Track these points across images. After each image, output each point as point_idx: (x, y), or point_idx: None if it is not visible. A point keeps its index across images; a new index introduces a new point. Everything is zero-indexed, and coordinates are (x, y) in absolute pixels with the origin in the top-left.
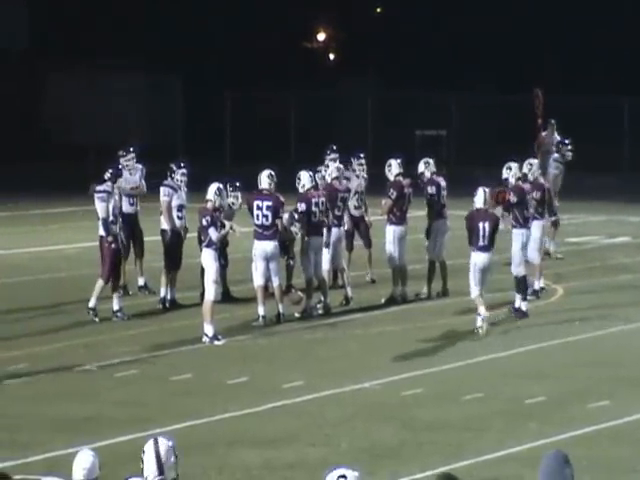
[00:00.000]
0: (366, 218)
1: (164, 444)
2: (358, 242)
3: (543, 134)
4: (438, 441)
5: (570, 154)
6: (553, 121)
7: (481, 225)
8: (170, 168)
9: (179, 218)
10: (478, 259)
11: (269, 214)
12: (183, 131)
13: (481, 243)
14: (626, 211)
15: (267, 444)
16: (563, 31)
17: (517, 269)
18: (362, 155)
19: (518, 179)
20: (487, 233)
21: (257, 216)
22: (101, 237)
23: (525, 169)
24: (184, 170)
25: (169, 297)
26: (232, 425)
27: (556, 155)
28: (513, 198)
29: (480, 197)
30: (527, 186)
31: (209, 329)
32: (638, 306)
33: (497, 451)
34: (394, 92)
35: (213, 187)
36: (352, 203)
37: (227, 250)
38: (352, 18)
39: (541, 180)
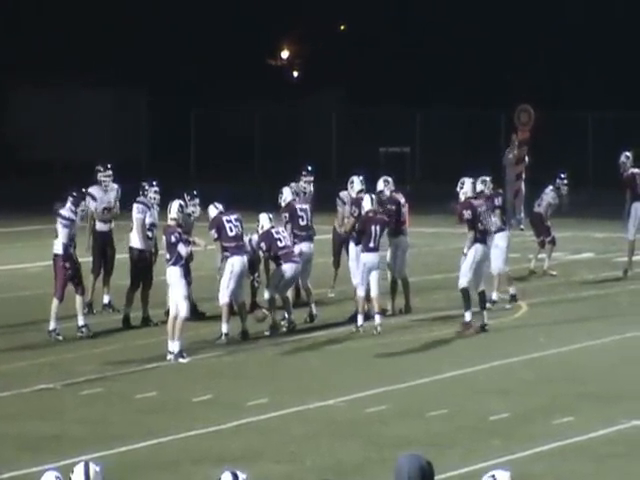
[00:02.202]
0: None
1: (93, 468)
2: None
3: (508, 150)
4: None
5: (566, 188)
6: (514, 136)
7: (373, 228)
8: (142, 186)
9: (149, 238)
10: (368, 259)
11: (239, 224)
12: (148, 147)
13: (371, 244)
14: (590, 227)
15: (232, 462)
16: (526, 46)
17: (461, 279)
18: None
19: (469, 198)
20: (378, 235)
21: (230, 228)
22: (55, 255)
23: (480, 186)
24: (157, 188)
25: (142, 315)
26: (197, 443)
27: (552, 187)
28: (467, 215)
29: (367, 201)
30: (478, 201)
31: (175, 346)
32: (602, 322)
33: (461, 468)
34: (358, 109)
35: (175, 204)
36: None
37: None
38: (316, 35)
39: (500, 190)
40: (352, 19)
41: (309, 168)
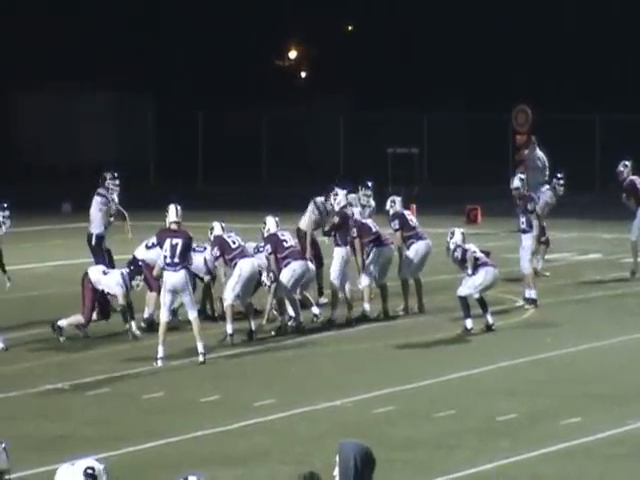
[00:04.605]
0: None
1: (97, 467)
2: None
3: (526, 151)
4: (410, 459)
5: (562, 188)
6: (534, 138)
7: (350, 222)
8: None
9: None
10: (346, 253)
11: (239, 237)
12: (154, 150)
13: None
14: (598, 228)
15: (239, 462)
16: (532, 48)
17: (462, 288)
18: (370, 184)
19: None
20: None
21: (232, 242)
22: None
23: (517, 183)
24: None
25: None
26: (204, 443)
27: (548, 186)
28: (458, 254)
29: (342, 197)
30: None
31: (200, 347)
32: (609, 323)
33: (468, 469)
34: (366, 110)
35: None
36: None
37: None
38: (323, 36)
39: (532, 194)
40: (359, 21)
41: (369, 184)
